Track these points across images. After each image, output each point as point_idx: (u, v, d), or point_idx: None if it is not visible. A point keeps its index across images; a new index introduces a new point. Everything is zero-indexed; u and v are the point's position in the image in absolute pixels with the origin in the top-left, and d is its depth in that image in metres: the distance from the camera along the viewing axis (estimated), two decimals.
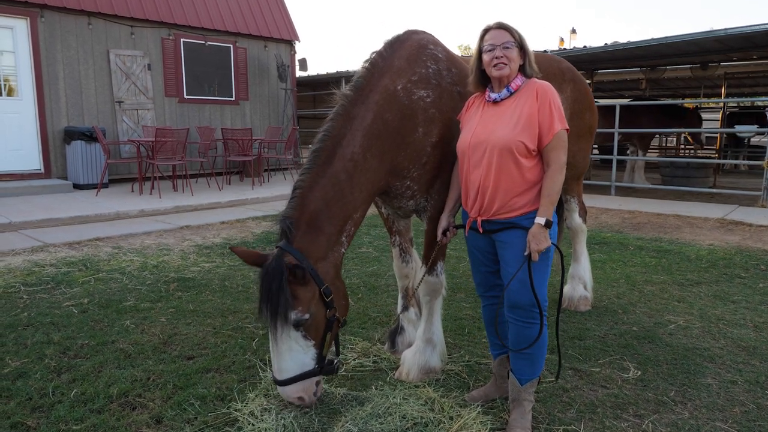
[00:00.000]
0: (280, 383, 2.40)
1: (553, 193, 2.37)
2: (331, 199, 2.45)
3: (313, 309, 2.37)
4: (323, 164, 2.48)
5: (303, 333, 2.37)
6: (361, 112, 2.57)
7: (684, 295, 4.63)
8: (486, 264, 2.68)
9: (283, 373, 2.39)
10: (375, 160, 2.57)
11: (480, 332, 3.82)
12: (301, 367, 2.39)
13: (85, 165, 9.21)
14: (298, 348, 2.37)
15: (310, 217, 2.41)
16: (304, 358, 2.39)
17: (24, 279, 4.79)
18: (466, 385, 3.03)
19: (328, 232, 2.45)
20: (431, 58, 2.84)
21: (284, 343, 2.35)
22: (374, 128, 2.56)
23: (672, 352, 3.48)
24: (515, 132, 2.37)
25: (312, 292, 2.37)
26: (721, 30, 8.18)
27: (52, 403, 2.78)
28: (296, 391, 2.41)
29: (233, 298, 4.44)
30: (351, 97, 2.61)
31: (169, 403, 2.79)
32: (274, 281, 2.26)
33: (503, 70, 2.43)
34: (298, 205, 2.42)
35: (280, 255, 2.32)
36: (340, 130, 2.53)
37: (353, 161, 2.50)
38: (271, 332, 2.36)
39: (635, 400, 2.88)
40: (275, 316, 2.28)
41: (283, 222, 2.38)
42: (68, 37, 9.59)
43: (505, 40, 2.43)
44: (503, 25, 2.47)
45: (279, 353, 2.38)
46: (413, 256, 3.45)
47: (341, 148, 2.50)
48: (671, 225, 7.52)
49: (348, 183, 2.49)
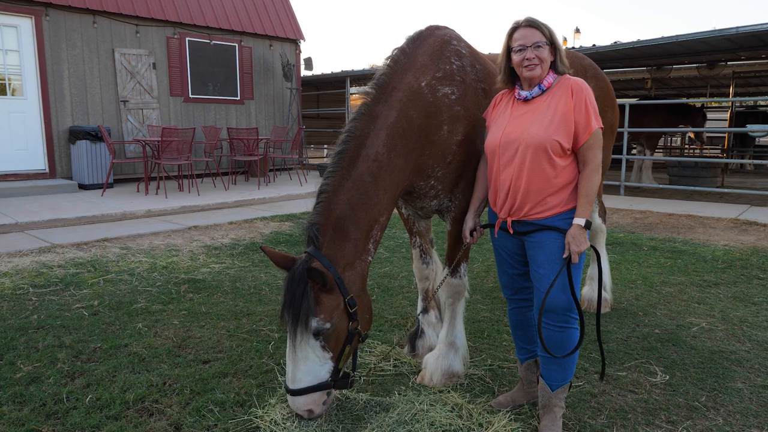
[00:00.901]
0: (291, 392, 2.32)
1: (591, 193, 2.29)
2: (356, 203, 2.37)
3: (336, 319, 2.29)
4: (347, 166, 2.39)
5: (322, 343, 2.29)
6: (384, 111, 2.48)
7: (703, 296, 4.55)
8: (514, 266, 2.60)
9: (296, 382, 2.30)
10: (400, 159, 2.49)
11: (500, 335, 3.75)
12: (315, 378, 2.30)
13: (90, 165, 9.13)
14: (315, 358, 2.29)
15: (337, 222, 2.33)
16: (319, 369, 2.30)
17: (32, 280, 4.72)
18: (490, 390, 2.95)
19: (354, 238, 2.37)
20: (455, 54, 2.76)
21: (301, 351, 2.27)
22: (398, 127, 2.48)
23: (698, 355, 3.40)
24: (550, 130, 2.28)
25: (336, 301, 2.29)
26: (733, 28, 8.09)
27: (67, 410, 2.70)
28: (306, 403, 2.32)
29: (245, 300, 4.37)
30: (373, 95, 2.52)
31: (188, 410, 2.71)
32: (298, 286, 2.19)
33: (534, 71, 2.35)
34: (324, 210, 2.33)
35: (307, 260, 2.24)
36: (363, 130, 2.45)
37: (377, 162, 2.41)
38: (290, 338, 2.27)
39: (666, 406, 2.80)
40: (296, 322, 2.20)
41: (310, 228, 2.30)
42: (73, 36, 9.52)
43: (536, 39, 2.34)
44: (533, 22, 2.38)
45: (295, 361, 2.29)
46: (434, 258, 3.37)
47: (365, 148, 2.41)
48: (684, 225, 7.44)
49: (373, 185, 2.40)
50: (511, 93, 2.53)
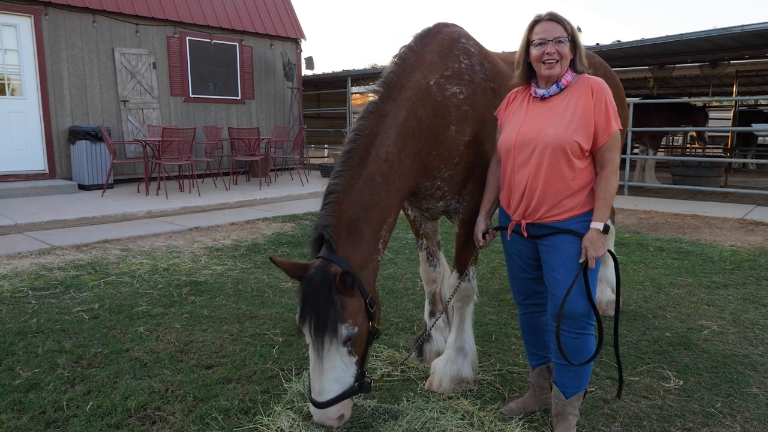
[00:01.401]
0: (320, 405, 2.19)
1: (609, 197, 2.22)
2: (368, 203, 2.29)
3: (360, 321, 2.21)
4: (357, 166, 2.31)
5: (349, 348, 2.21)
6: (393, 110, 2.41)
7: (712, 298, 4.49)
8: (526, 270, 2.53)
9: (324, 394, 2.18)
10: (408, 160, 2.42)
11: (508, 339, 3.68)
12: (343, 386, 2.21)
13: (90, 165, 9.06)
14: (342, 365, 2.20)
15: (349, 223, 2.25)
16: (346, 376, 2.22)
17: (32, 283, 4.65)
18: (501, 396, 2.88)
19: (367, 239, 2.29)
20: (464, 52, 2.69)
21: (329, 361, 2.16)
22: (407, 126, 2.41)
23: (710, 359, 3.33)
24: (569, 131, 2.21)
25: (359, 303, 2.21)
26: (738, 27, 8.02)
27: (67, 417, 2.63)
28: (335, 412, 2.22)
29: (248, 302, 4.30)
30: (382, 93, 2.45)
31: (191, 417, 2.64)
32: (321, 294, 2.08)
33: (553, 69, 2.27)
34: (336, 212, 2.24)
35: (324, 265, 2.14)
36: (372, 129, 2.37)
37: (388, 162, 2.34)
38: (315, 349, 2.15)
39: (681, 412, 2.73)
40: (323, 331, 2.08)
41: (324, 231, 2.20)
42: (73, 36, 9.44)
43: (557, 34, 2.26)
44: (556, 16, 2.30)
45: (322, 372, 2.17)
46: (441, 260, 3.30)
47: (375, 148, 2.34)
48: (689, 225, 7.37)
49: (384, 186, 2.33)
50: (526, 91, 2.46)
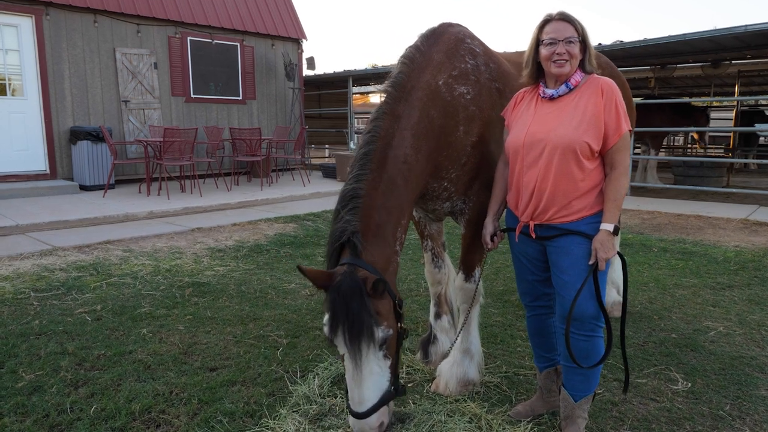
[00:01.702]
0: (362, 416, 2.12)
1: (620, 198, 2.20)
2: (392, 206, 2.27)
3: (392, 323, 2.18)
4: (377, 169, 2.28)
5: (384, 352, 2.16)
6: (406, 110, 2.39)
7: (717, 299, 4.47)
8: (534, 272, 2.51)
9: (365, 403, 2.11)
10: (424, 160, 2.40)
11: (513, 340, 3.66)
12: (380, 391, 2.15)
13: (91, 166, 9.04)
14: (379, 371, 2.14)
15: (376, 227, 2.22)
16: (383, 381, 2.16)
17: (34, 284, 4.63)
18: (508, 399, 2.86)
19: (390, 242, 2.27)
20: (469, 52, 2.67)
21: (366, 368, 2.10)
22: (421, 127, 2.39)
23: (718, 361, 3.31)
24: (579, 131, 2.18)
25: (389, 305, 2.18)
26: (741, 26, 8.00)
27: (71, 421, 2.61)
28: (376, 420, 2.14)
29: (251, 304, 4.28)
30: (393, 94, 2.42)
31: (196, 420, 2.62)
32: (353, 300, 2.02)
33: (563, 68, 2.24)
34: (364, 217, 2.20)
35: (352, 271, 2.10)
36: (388, 130, 2.34)
37: (407, 164, 2.32)
38: (352, 358, 2.08)
39: (690, 415, 2.71)
40: (359, 338, 2.03)
41: (354, 237, 2.16)
42: (74, 36, 9.42)
43: (568, 34, 2.24)
44: (566, 16, 2.27)
45: (363, 381, 2.10)
46: (446, 261, 3.28)
47: (392, 149, 2.31)
48: (693, 226, 7.35)
49: (404, 188, 2.31)
50: (534, 90, 2.43)
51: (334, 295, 2.06)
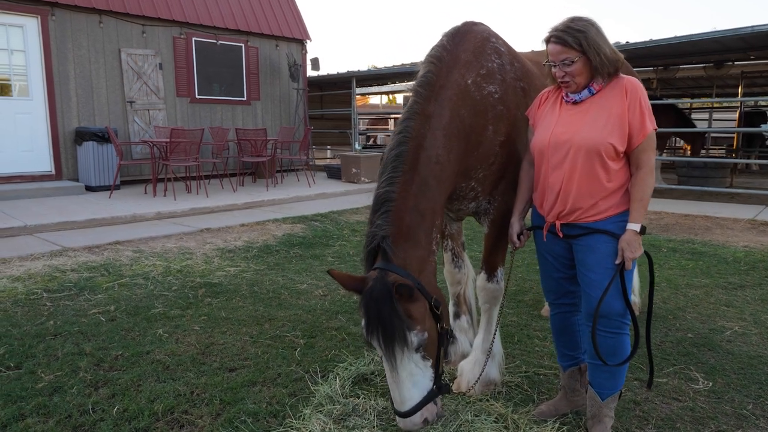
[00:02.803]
0: (405, 415, 2.18)
1: (646, 197, 2.20)
2: (424, 208, 2.26)
3: (428, 325, 2.19)
4: (410, 170, 2.26)
5: (422, 353, 2.17)
6: (436, 110, 2.37)
7: (730, 299, 4.47)
8: (560, 270, 2.51)
9: (406, 402, 2.17)
10: (456, 160, 2.40)
11: (530, 340, 3.66)
12: (423, 391, 2.18)
13: (97, 166, 9.02)
14: (419, 371, 2.17)
15: (408, 230, 2.21)
16: (424, 381, 2.19)
17: (45, 285, 4.61)
18: (530, 398, 2.86)
19: (424, 243, 2.27)
20: (495, 51, 2.66)
21: (405, 370, 2.13)
22: (453, 127, 2.38)
23: (736, 360, 3.31)
24: (604, 133, 2.18)
25: (424, 307, 2.18)
26: (747, 27, 8.02)
27: (94, 421, 2.60)
28: (420, 418, 2.19)
29: (265, 304, 4.27)
30: (423, 94, 2.40)
31: (220, 421, 2.61)
32: (383, 305, 2.05)
33: (569, 87, 2.27)
34: (395, 220, 2.20)
35: (382, 276, 2.11)
36: (419, 131, 2.32)
37: (439, 164, 2.31)
38: (388, 360, 2.12)
39: (713, 414, 2.71)
40: (392, 342, 2.06)
41: (384, 242, 2.17)
42: (79, 36, 9.40)
43: (562, 57, 2.22)
44: (560, 38, 2.22)
45: (400, 381, 2.15)
46: (465, 261, 3.27)
47: (424, 150, 2.30)
48: (701, 226, 7.35)
49: (437, 188, 2.30)
50: (557, 91, 2.43)
51: (366, 300, 2.10)
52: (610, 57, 2.24)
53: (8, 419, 2.59)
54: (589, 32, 2.21)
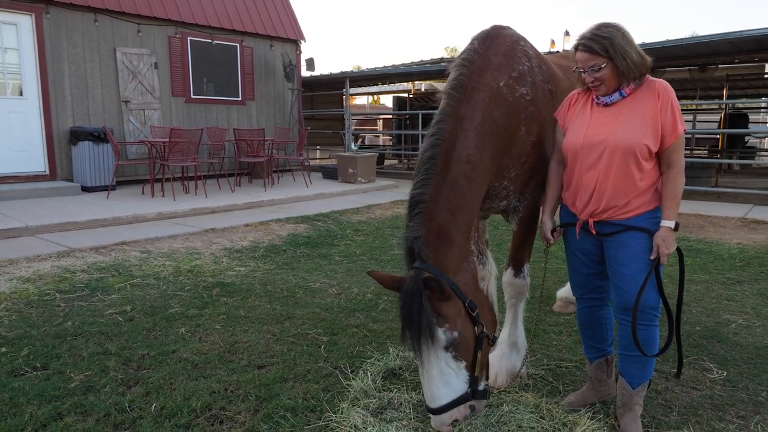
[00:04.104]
0: (434, 411, 2.27)
1: (678, 195, 2.30)
2: (455, 207, 2.33)
3: (460, 326, 2.24)
4: (441, 171, 2.34)
5: (453, 354, 2.24)
6: (469, 112, 2.44)
7: (730, 294, 4.63)
8: (589, 266, 2.60)
9: (436, 400, 2.25)
10: (488, 160, 2.47)
11: (547, 335, 3.76)
12: (455, 392, 2.25)
13: (93, 166, 8.93)
14: (450, 371, 2.23)
15: (439, 230, 2.29)
16: (456, 381, 2.26)
17: (57, 285, 4.59)
18: (556, 390, 2.96)
19: (459, 242, 2.34)
20: (524, 54, 2.75)
21: (434, 367, 2.21)
22: (485, 127, 2.45)
23: (744, 351, 3.45)
24: (638, 135, 2.28)
25: (457, 307, 2.24)
26: (737, 32, 8.26)
27: (133, 419, 2.63)
28: (450, 417, 2.26)
29: (282, 303, 4.31)
30: (455, 96, 2.47)
31: (259, 416, 2.65)
32: (413, 301, 2.14)
33: (599, 90, 2.37)
34: (426, 221, 2.28)
35: (418, 275, 2.19)
36: (452, 132, 2.40)
37: (471, 164, 2.38)
38: (417, 356, 2.22)
39: (731, 401, 2.83)
40: (419, 337, 2.14)
41: (414, 243, 2.25)
42: (74, 35, 9.30)
43: (590, 64, 2.31)
44: (587, 45, 2.31)
45: (430, 378, 2.23)
46: (489, 258, 3.35)
47: (456, 151, 2.37)
48: (694, 224, 7.56)
49: (468, 188, 2.37)
50: (587, 93, 2.52)
51: (402, 299, 2.21)
52: (636, 61, 2.32)
53: (46, 419, 2.60)
54: (615, 38, 2.29)
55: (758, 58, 11.32)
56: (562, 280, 4.79)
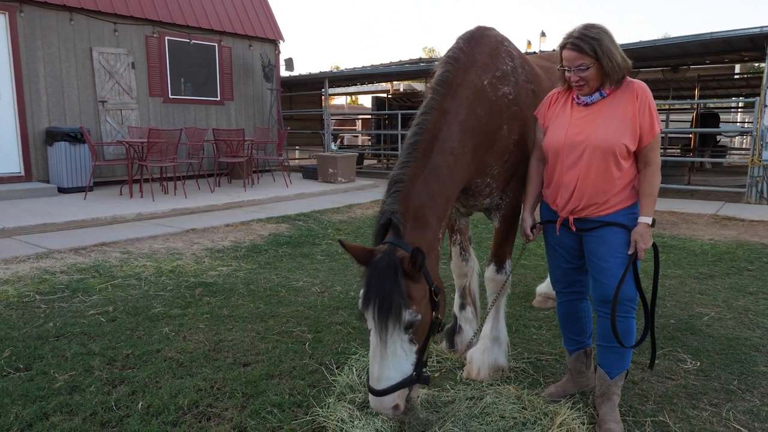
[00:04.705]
0: (377, 393, 2.17)
1: (655, 192, 2.40)
2: (435, 192, 2.36)
3: (424, 309, 2.22)
4: (422, 157, 2.38)
5: (410, 336, 2.19)
6: (453, 106, 2.51)
7: (703, 288, 4.78)
8: (569, 261, 2.69)
9: (383, 381, 2.16)
10: (470, 155, 2.53)
11: (527, 329, 3.84)
12: (401, 374, 2.19)
13: (69, 167, 8.79)
14: (402, 353, 2.18)
15: (416, 211, 2.30)
16: (405, 364, 2.20)
17: (37, 287, 4.54)
18: (537, 382, 3.04)
19: (433, 227, 2.35)
20: (508, 55, 2.82)
21: (390, 347, 2.14)
22: (469, 123, 2.52)
23: (716, 342, 3.58)
24: (618, 134, 2.36)
25: (424, 290, 2.23)
26: (708, 34, 8.51)
27: (120, 417, 2.63)
28: (392, 401, 2.18)
29: (265, 302, 4.33)
30: (440, 91, 2.54)
31: (246, 412, 2.68)
32: (387, 278, 2.08)
33: (582, 90, 2.44)
34: (403, 199, 2.29)
35: (392, 250, 2.16)
36: (436, 124, 2.46)
37: (453, 155, 2.44)
38: (378, 335, 2.14)
39: (704, 390, 2.95)
40: (387, 316, 2.07)
41: (393, 216, 2.23)
42: (49, 34, 9.15)
43: (578, 63, 2.37)
44: (576, 45, 2.37)
45: (383, 359, 2.16)
46: (472, 255, 3.43)
47: (439, 141, 2.42)
48: (668, 221, 7.76)
49: (449, 177, 2.42)
50: (567, 92, 2.59)
51: (371, 270, 2.13)
52: (620, 64, 2.39)
53: (32, 419, 2.59)
54: (603, 40, 2.36)
55: (728, 59, 11.66)
56: (541, 277, 4.89)
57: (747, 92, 17.73)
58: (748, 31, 8.27)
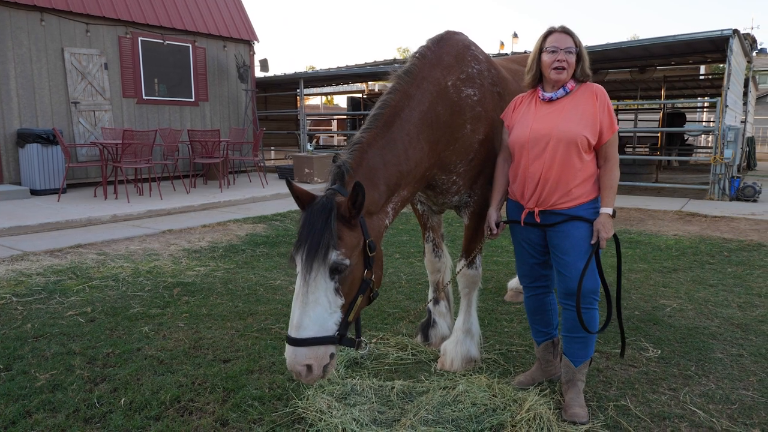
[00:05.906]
0: (294, 342, 2.03)
1: (615, 185, 2.56)
2: (389, 160, 2.46)
3: (355, 259, 2.14)
4: (383, 127, 2.50)
5: (337, 285, 2.10)
6: (418, 94, 2.64)
7: (667, 281, 5.00)
8: (534, 256, 2.83)
9: (301, 329, 2.03)
10: (426, 145, 2.64)
11: (499, 323, 3.99)
12: (322, 329, 2.05)
13: (42, 169, 8.68)
14: (326, 303, 2.07)
15: (368, 169, 2.37)
16: (328, 318, 2.08)
17: (13, 289, 4.52)
18: (507, 371, 3.18)
19: (381, 191, 2.41)
20: (474, 58, 2.95)
21: (313, 292, 2.04)
22: (429, 117, 2.64)
23: (677, 332, 3.78)
24: (579, 127, 2.53)
25: (357, 239, 2.17)
26: (671, 36, 8.82)
27: (103, 413, 2.68)
28: (307, 356, 2.03)
29: (243, 300, 4.39)
30: (406, 79, 2.67)
31: (228, 406, 2.76)
32: (320, 217, 2.06)
33: (561, 74, 2.58)
34: (357, 156, 2.38)
35: (331, 194, 2.16)
36: (399, 103, 2.59)
37: (409, 137, 2.56)
38: (302, 275, 2.06)
39: (664, 376, 3.13)
40: (314, 253, 2.01)
41: (344, 164, 2.27)
42: (19, 34, 9.01)
43: (568, 45, 2.57)
44: (567, 30, 2.61)
45: (305, 303, 2.05)
46: (444, 251, 3.56)
47: (400, 119, 2.55)
48: (635, 218, 8.03)
49: (404, 153, 2.52)
50: (532, 95, 2.75)
51: (307, 212, 2.13)
52: (587, 67, 2.67)
53: (15, 416, 2.63)
54: (580, 40, 2.65)
55: (692, 60, 12.07)
56: (513, 273, 5.05)
57: (712, 92, 18.33)
58: (709, 34, 8.61)
